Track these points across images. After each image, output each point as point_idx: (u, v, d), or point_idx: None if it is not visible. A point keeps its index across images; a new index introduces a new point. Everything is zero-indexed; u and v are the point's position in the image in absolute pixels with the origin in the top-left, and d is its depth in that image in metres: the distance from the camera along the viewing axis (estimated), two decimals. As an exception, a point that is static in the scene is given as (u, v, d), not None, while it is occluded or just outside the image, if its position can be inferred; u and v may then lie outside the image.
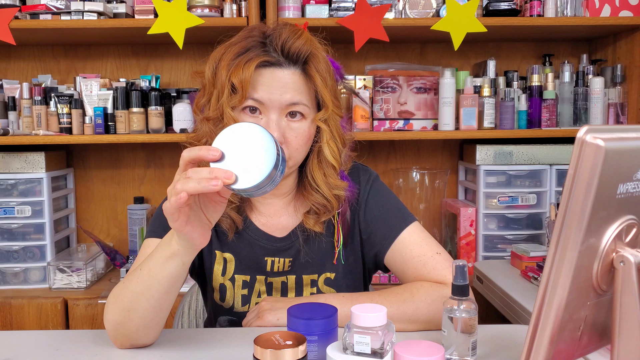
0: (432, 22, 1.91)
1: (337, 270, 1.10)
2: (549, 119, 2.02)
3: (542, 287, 0.62)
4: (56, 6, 1.87)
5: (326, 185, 1.06)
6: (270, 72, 0.98)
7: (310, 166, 1.07)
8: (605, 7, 1.98)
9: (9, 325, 1.85)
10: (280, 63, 0.98)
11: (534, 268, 1.72)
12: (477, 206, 2.05)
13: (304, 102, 1.00)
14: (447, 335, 0.82)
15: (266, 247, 1.09)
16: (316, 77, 1.00)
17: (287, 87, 0.98)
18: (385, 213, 1.10)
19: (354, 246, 1.12)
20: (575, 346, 0.67)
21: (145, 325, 0.91)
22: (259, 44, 0.99)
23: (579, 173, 0.58)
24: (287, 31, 1.00)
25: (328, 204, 1.07)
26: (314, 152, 1.07)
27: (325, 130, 1.04)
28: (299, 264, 1.10)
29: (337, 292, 1.09)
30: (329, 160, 1.05)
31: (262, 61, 0.97)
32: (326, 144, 1.05)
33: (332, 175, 1.07)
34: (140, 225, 2.09)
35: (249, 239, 1.09)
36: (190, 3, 1.88)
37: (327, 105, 1.02)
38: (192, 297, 1.38)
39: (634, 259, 0.63)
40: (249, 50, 0.98)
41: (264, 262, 1.09)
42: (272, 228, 1.11)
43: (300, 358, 0.68)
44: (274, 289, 1.10)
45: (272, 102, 0.98)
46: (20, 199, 1.96)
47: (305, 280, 1.10)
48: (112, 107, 1.96)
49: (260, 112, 0.99)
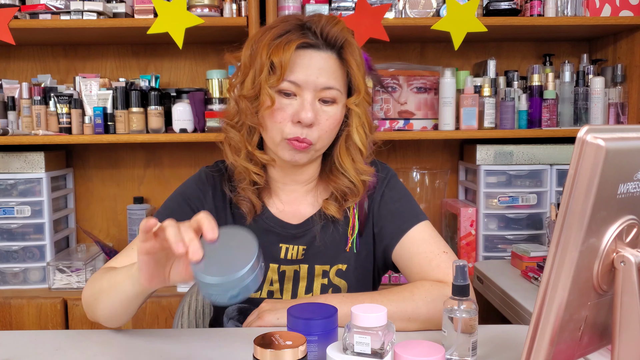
0: (432, 21, 1.91)
1: (349, 262, 1.11)
2: (549, 119, 2.01)
3: (543, 287, 0.62)
4: (56, 6, 1.87)
5: (354, 170, 1.09)
6: (309, 54, 1.02)
7: (337, 151, 1.10)
8: (606, 7, 1.98)
9: (9, 325, 1.85)
10: (318, 45, 1.02)
11: (534, 268, 1.72)
12: (478, 206, 2.05)
13: (337, 87, 1.03)
14: (447, 335, 0.82)
15: (281, 234, 1.10)
16: (352, 61, 1.04)
17: (323, 71, 1.02)
18: (398, 209, 1.11)
19: (367, 239, 1.12)
20: (575, 346, 0.67)
21: (108, 316, 0.97)
22: (297, 27, 1.03)
23: (580, 173, 0.58)
24: (325, 18, 1.05)
25: (354, 189, 1.09)
26: (342, 137, 1.09)
27: (356, 115, 1.07)
28: (312, 253, 1.10)
29: (347, 284, 1.10)
30: (358, 145, 1.08)
31: (302, 42, 1.01)
32: (355, 129, 1.07)
33: (359, 160, 1.09)
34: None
35: (264, 225, 1.10)
36: (190, 3, 1.88)
37: (360, 90, 1.05)
38: (192, 297, 1.38)
39: (635, 259, 0.63)
40: (288, 32, 1.02)
41: (278, 249, 1.10)
42: (288, 215, 1.12)
43: (300, 358, 0.68)
44: (286, 278, 1.10)
45: (308, 84, 1.01)
46: (19, 199, 1.96)
47: (317, 270, 1.10)
48: (111, 107, 1.96)
49: (294, 94, 1.02)
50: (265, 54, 1.01)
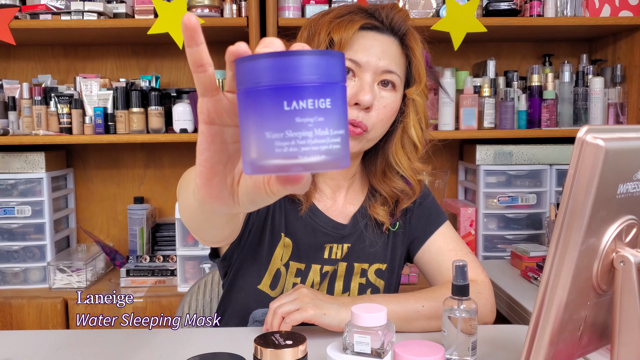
0: (432, 22, 1.91)
1: (387, 261, 1.09)
2: (548, 119, 2.02)
3: (542, 287, 0.62)
4: (56, 6, 1.87)
5: (411, 170, 1.04)
6: (372, 36, 0.98)
7: (392, 149, 1.04)
8: (605, 7, 1.98)
9: (9, 325, 1.85)
10: (382, 29, 0.99)
11: (534, 268, 1.72)
12: (477, 206, 2.05)
13: (397, 72, 0.99)
14: (447, 335, 0.82)
15: (330, 234, 1.06)
16: (415, 49, 1.01)
17: (385, 54, 0.97)
18: (426, 207, 1.12)
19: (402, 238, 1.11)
20: (575, 346, 0.67)
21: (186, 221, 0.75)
22: (360, 10, 1.00)
23: (579, 173, 0.58)
24: (389, 4, 1.02)
25: (410, 190, 1.05)
26: (397, 132, 1.03)
27: (413, 107, 1.02)
28: (354, 252, 1.07)
29: (385, 284, 1.09)
30: (414, 140, 1.03)
31: (366, 23, 0.97)
32: (412, 122, 1.02)
33: (414, 158, 1.04)
34: (140, 225, 2.09)
35: (313, 224, 1.05)
36: (190, 3, 1.88)
37: (421, 80, 1.01)
38: (192, 297, 1.38)
39: (634, 259, 0.63)
40: (351, 13, 0.99)
41: (324, 249, 1.05)
42: (335, 212, 1.08)
43: (300, 358, 0.68)
44: (322, 277, 1.06)
45: (369, 65, 0.96)
46: (20, 199, 1.96)
47: (356, 269, 1.07)
48: (112, 107, 1.96)
49: (354, 74, 0.97)
50: (325, 31, 0.96)
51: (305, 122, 0.41)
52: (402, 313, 0.95)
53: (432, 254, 1.09)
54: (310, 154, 0.41)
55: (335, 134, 0.42)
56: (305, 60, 0.41)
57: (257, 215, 1.04)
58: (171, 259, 1.99)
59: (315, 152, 0.41)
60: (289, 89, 0.41)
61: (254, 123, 0.42)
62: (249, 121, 0.43)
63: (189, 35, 0.44)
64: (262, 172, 0.42)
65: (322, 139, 0.41)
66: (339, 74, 0.43)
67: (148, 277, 1.95)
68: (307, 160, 0.41)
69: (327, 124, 0.42)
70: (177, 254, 1.92)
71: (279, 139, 0.41)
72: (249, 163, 0.43)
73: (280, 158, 0.41)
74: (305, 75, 0.41)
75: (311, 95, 0.41)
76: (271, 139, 0.41)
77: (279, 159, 0.41)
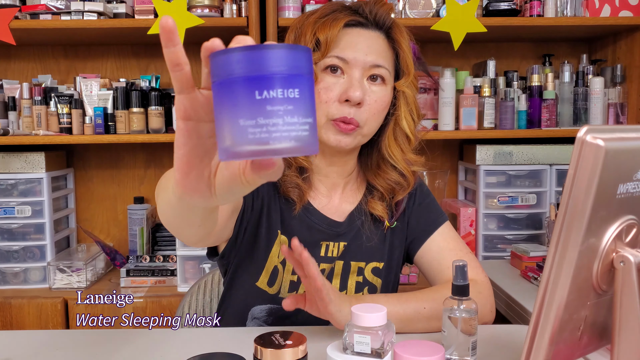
0: (432, 22, 1.91)
1: (384, 259, 1.09)
2: (548, 119, 2.02)
3: (542, 287, 0.62)
4: (56, 6, 1.87)
5: (405, 161, 1.05)
6: (357, 32, 0.99)
7: (386, 142, 1.05)
8: (605, 7, 1.98)
9: (9, 325, 1.85)
10: (367, 24, 1.00)
11: (533, 268, 1.72)
12: (477, 206, 2.05)
13: (386, 66, 1.00)
14: (447, 335, 0.82)
15: (326, 232, 1.06)
16: (402, 41, 1.02)
17: (372, 49, 0.98)
18: (427, 206, 1.13)
19: (400, 236, 1.11)
20: (575, 346, 0.67)
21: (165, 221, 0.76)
22: (344, 7, 1.01)
23: (579, 173, 0.58)
24: (372, 1, 1.02)
25: (404, 182, 1.06)
26: (389, 125, 1.04)
27: (404, 99, 1.03)
28: (351, 250, 1.07)
29: (383, 282, 1.09)
30: (406, 132, 1.04)
31: (350, 20, 0.98)
32: (403, 114, 1.03)
33: (408, 150, 1.05)
34: (140, 225, 2.09)
35: (308, 222, 1.05)
36: (190, 3, 1.88)
37: (410, 72, 1.02)
38: (192, 297, 1.38)
39: (634, 259, 0.63)
40: (335, 11, 1.00)
41: (319, 246, 1.06)
42: (331, 210, 1.08)
43: (300, 358, 0.68)
44: (325, 276, 1.06)
45: (356, 61, 0.97)
46: (20, 199, 1.96)
47: (353, 267, 1.07)
48: (112, 107, 1.96)
49: (342, 71, 0.98)
50: (311, 32, 0.97)
51: (275, 109, 0.44)
52: (403, 314, 0.95)
53: (433, 253, 1.09)
54: (281, 139, 0.44)
55: (304, 121, 0.45)
56: (275, 53, 0.45)
57: (252, 212, 1.04)
58: (171, 259, 1.99)
59: (285, 138, 0.45)
60: (260, 79, 0.44)
61: (229, 112, 0.45)
62: (224, 110, 0.46)
63: (166, 37, 0.48)
64: (236, 157, 0.46)
65: (292, 125, 0.45)
66: (306, 66, 0.46)
67: (148, 277, 1.95)
68: (278, 145, 0.44)
69: (296, 112, 0.45)
70: (177, 254, 1.92)
71: (251, 126, 0.44)
72: (224, 150, 0.46)
73: (253, 144, 0.44)
74: (275, 66, 0.44)
75: (280, 85, 0.44)
76: (244, 126, 0.45)
77: (252, 145, 0.45)
